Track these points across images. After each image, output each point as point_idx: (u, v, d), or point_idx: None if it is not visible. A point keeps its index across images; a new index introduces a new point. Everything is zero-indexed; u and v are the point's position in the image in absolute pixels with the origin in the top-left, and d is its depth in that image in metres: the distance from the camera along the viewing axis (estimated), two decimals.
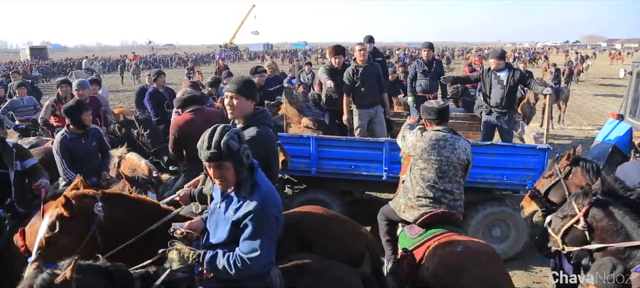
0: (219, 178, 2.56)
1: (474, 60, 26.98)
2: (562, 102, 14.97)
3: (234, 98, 3.35)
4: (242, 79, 3.52)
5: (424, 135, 3.93)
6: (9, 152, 4.39)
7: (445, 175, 3.82)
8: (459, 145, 3.88)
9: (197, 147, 2.56)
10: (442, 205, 3.81)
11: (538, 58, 48.61)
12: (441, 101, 4.15)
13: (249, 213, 2.53)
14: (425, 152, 3.84)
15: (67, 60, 52.17)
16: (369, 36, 7.89)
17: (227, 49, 69.36)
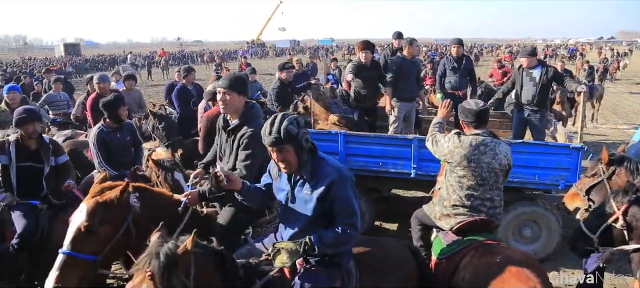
0: (282, 161, 2.76)
1: (503, 56, 26.52)
2: (595, 100, 14.58)
3: (226, 94, 3.47)
4: (233, 74, 3.67)
5: (463, 140, 3.65)
6: (46, 148, 4.47)
7: (486, 182, 3.58)
8: (501, 150, 3.62)
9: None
10: (480, 214, 3.60)
11: (574, 55, 47.41)
12: (480, 102, 3.79)
13: (330, 186, 2.74)
14: (465, 158, 3.58)
15: (99, 57, 53.50)
16: (398, 32, 7.86)
17: (255, 46, 69.83)
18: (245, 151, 3.47)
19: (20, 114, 4.38)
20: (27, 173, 4.37)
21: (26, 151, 4.39)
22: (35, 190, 4.36)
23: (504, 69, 14.21)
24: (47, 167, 4.43)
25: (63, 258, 2.83)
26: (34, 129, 4.36)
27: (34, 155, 4.41)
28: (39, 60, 48.98)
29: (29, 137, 4.37)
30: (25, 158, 4.37)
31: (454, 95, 7.41)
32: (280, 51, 69.19)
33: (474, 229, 3.59)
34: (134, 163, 5.00)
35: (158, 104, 9.12)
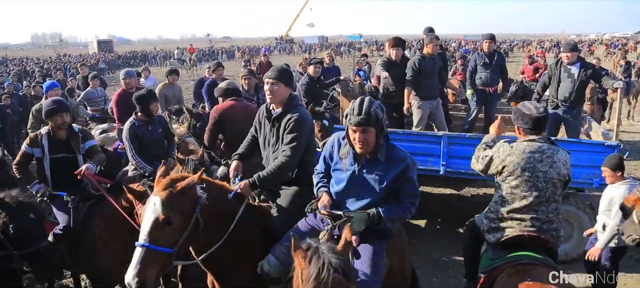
0: (362, 141, 2.93)
1: (535, 52, 25.94)
2: (632, 97, 14.17)
3: (275, 84, 3.59)
4: (281, 67, 3.83)
5: (515, 147, 3.32)
6: (76, 136, 4.55)
7: (542, 194, 3.23)
8: (560, 157, 3.27)
9: (346, 115, 2.97)
10: (531, 229, 3.26)
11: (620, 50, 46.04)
12: (540, 106, 3.45)
13: (405, 169, 3.02)
14: (518, 167, 3.25)
15: (131, 53, 54.67)
16: (429, 27, 7.80)
17: (283, 42, 70.15)
18: (291, 134, 3.56)
19: (49, 106, 4.47)
20: (61, 164, 4.46)
21: (58, 143, 4.48)
22: (71, 181, 4.39)
23: (535, 64, 13.93)
24: (80, 156, 4.51)
25: (142, 251, 2.73)
26: (62, 120, 4.44)
27: (66, 146, 4.50)
28: (74, 56, 50.39)
29: (58, 128, 4.46)
30: (57, 150, 4.46)
31: (485, 92, 7.33)
32: (307, 47, 69.32)
33: (523, 244, 3.27)
34: (167, 156, 5.10)
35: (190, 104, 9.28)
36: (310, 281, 2.28)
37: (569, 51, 6.65)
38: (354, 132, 2.95)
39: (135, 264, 2.71)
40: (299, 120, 3.56)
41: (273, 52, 59.85)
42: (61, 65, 33.44)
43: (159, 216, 2.79)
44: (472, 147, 5.84)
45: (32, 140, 4.50)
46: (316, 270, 2.30)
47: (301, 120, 3.56)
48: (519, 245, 3.28)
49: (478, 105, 7.37)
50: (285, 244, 3.06)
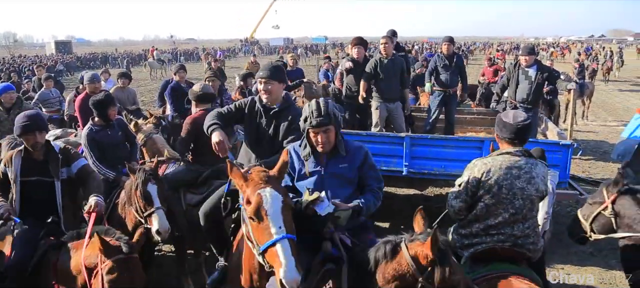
0: (324, 141, 3.03)
1: (496, 54, 26.63)
2: (586, 98, 14.73)
3: (268, 83, 3.58)
4: (272, 64, 3.82)
5: (491, 162, 3.07)
6: (54, 157, 3.85)
7: (519, 211, 3.03)
8: (538, 172, 3.05)
9: (301, 119, 3.06)
10: (506, 244, 3.07)
11: (565, 52, 47.80)
12: (521, 114, 3.18)
13: (366, 156, 3.18)
14: (496, 185, 3.01)
15: (91, 54, 53.13)
16: (392, 30, 7.87)
17: (248, 44, 69.62)
18: (298, 131, 3.48)
19: (21, 122, 3.76)
20: (35, 189, 3.78)
21: (33, 164, 3.79)
22: (47, 209, 3.76)
23: (495, 66, 14.32)
24: (57, 181, 3.82)
25: (289, 244, 2.44)
26: (35, 140, 3.76)
27: (42, 168, 3.80)
28: (30, 57, 48.60)
29: (32, 148, 3.79)
30: (31, 172, 3.78)
31: (445, 93, 7.45)
32: (273, 49, 69.03)
33: (501, 259, 3.10)
34: (130, 160, 4.97)
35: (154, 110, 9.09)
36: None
37: (526, 54, 6.86)
38: (316, 134, 3.03)
39: (289, 258, 2.39)
40: (299, 116, 3.56)
41: (238, 53, 59.32)
42: (16, 66, 32.21)
43: (286, 202, 2.59)
44: (433, 147, 6.00)
45: (7, 160, 3.86)
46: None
47: (299, 117, 3.58)
48: (495, 258, 3.10)
49: (438, 106, 7.49)
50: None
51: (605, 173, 9.04)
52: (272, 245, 2.44)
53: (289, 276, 2.34)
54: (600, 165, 9.86)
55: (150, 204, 3.93)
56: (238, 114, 3.80)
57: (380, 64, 6.66)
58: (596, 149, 11.28)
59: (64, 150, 3.98)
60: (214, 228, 3.76)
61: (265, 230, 2.49)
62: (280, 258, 2.39)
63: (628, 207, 3.34)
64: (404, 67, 6.92)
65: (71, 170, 3.91)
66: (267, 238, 2.46)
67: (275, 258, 2.42)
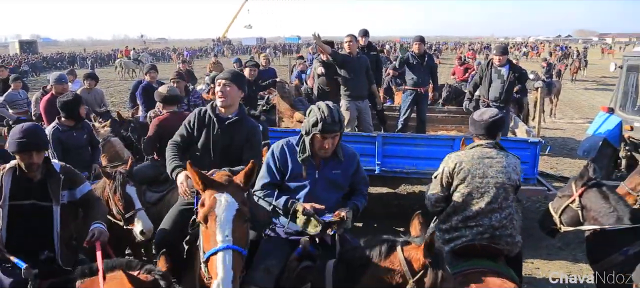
0: (330, 147, 3.04)
1: (467, 53, 27.03)
2: (553, 96, 15.08)
3: (227, 85, 3.44)
4: (234, 69, 3.63)
5: (464, 153, 3.27)
6: (55, 178, 3.16)
7: (494, 200, 3.15)
8: (509, 162, 3.21)
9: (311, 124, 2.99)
10: (483, 237, 3.16)
11: (540, 52, 48.86)
12: (492, 111, 3.37)
13: (358, 164, 3.29)
14: (469, 173, 3.18)
15: (58, 55, 51.76)
16: (364, 30, 7.90)
17: (220, 43, 69.05)
18: (258, 145, 3.62)
19: (16, 138, 3.05)
20: (29, 215, 3.08)
21: (27, 184, 3.09)
22: (40, 240, 3.08)
23: (465, 65, 14.52)
24: (56, 207, 3.12)
25: (230, 255, 2.30)
26: (31, 161, 3.06)
27: (39, 190, 3.11)
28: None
29: (27, 168, 3.10)
30: (24, 195, 3.07)
31: (416, 92, 7.52)
32: (245, 49, 68.65)
33: (480, 255, 3.18)
34: (92, 163, 4.95)
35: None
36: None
37: (500, 54, 6.99)
38: (324, 139, 3.00)
39: (227, 271, 2.25)
40: (259, 132, 3.65)
41: (210, 53, 58.72)
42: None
43: (242, 211, 2.47)
44: (405, 146, 6.04)
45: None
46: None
47: (260, 132, 3.67)
48: (474, 254, 3.18)
49: (410, 105, 7.56)
50: (261, 268, 2.89)
51: (572, 170, 9.27)
52: (213, 254, 2.32)
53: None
54: (567, 162, 10.11)
55: (131, 206, 3.95)
56: (191, 132, 3.60)
57: (345, 61, 6.69)
58: (563, 146, 11.57)
59: (66, 171, 3.29)
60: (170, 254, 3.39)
61: (211, 237, 2.37)
62: (217, 268, 2.26)
63: (594, 201, 3.47)
64: (369, 65, 6.92)
65: (74, 194, 3.27)
66: (212, 246, 2.35)
67: (214, 269, 2.29)
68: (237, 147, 3.49)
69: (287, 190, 3.18)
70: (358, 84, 6.70)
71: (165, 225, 3.43)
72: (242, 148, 3.48)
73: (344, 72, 6.68)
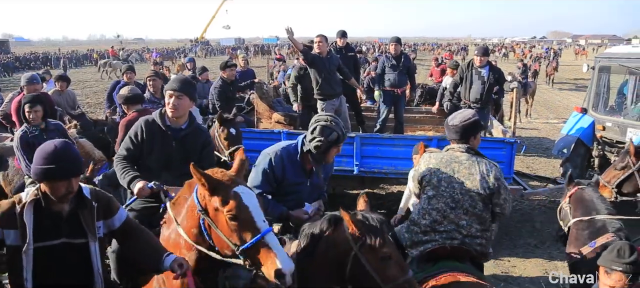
0: (335, 155, 3.41)
1: (444, 55, 27.30)
2: (529, 97, 15.32)
3: (179, 97, 3.35)
4: (184, 77, 3.63)
5: (434, 156, 3.27)
6: (88, 208, 2.53)
7: (459, 205, 3.10)
8: (478, 169, 3.10)
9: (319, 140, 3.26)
10: (453, 241, 3.13)
11: (526, 53, 49.42)
12: (466, 112, 3.30)
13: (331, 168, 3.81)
14: (435, 176, 3.16)
15: (31, 54, 50.55)
16: (342, 31, 7.90)
17: (198, 44, 68.38)
18: (212, 153, 3.73)
19: (47, 161, 2.37)
20: (60, 257, 2.45)
21: (55, 219, 2.44)
22: (80, 286, 2.54)
23: (441, 66, 14.65)
24: (94, 244, 2.52)
25: (274, 236, 2.39)
26: (69, 190, 2.43)
27: (70, 225, 2.48)
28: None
29: (59, 200, 2.43)
30: (52, 233, 2.43)
31: (393, 93, 7.55)
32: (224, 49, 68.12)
33: (448, 257, 3.15)
34: None
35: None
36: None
37: (481, 55, 7.06)
38: (333, 149, 3.34)
39: (281, 248, 2.34)
40: (211, 139, 3.74)
41: (188, 54, 58.07)
42: None
43: (259, 198, 2.56)
44: (383, 146, 6.06)
45: (2, 212, 2.40)
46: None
47: (211, 139, 3.85)
48: (442, 256, 3.15)
49: (387, 106, 7.59)
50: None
51: (548, 169, 9.44)
52: (260, 240, 2.33)
53: (286, 265, 2.27)
54: (543, 161, 10.28)
55: None
56: (140, 145, 3.44)
57: (315, 62, 6.68)
58: (539, 146, 11.76)
59: (98, 196, 2.62)
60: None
61: (248, 227, 2.37)
62: (273, 249, 2.31)
63: (579, 199, 3.78)
64: (340, 63, 6.93)
65: (112, 224, 2.64)
66: (253, 234, 2.35)
67: (267, 252, 2.31)
68: (194, 157, 3.29)
69: (278, 195, 3.39)
70: (330, 83, 6.71)
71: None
72: (198, 159, 3.31)
73: (314, 71, 6.68)
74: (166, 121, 3.42)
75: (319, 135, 3.25)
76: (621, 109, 7.70)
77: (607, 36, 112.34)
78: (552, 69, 25.33)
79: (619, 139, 7.05)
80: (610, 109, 7.80)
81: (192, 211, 2.53)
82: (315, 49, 6.71)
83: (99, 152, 5.51)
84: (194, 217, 2.51)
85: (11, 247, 2.39)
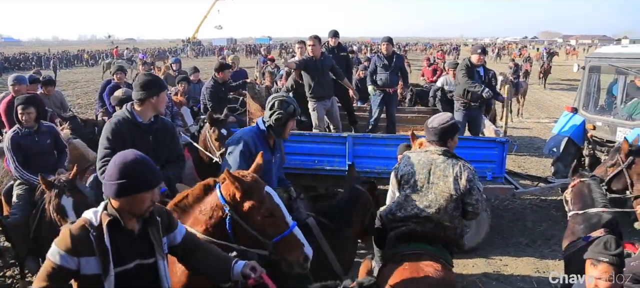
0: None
1: (436, 54, 27.37)
2: (520, 96, 15.39)
3: (159, 96, 3.64)
4: (146, 79, 3.66)
5: (413, 157, 3.44)
6: (155, 224, 2.35)
7: (432, 205, 3.30)
8: (453, 172, 3.25)
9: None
10: (425, 229, 3.35)
11: (523, 52, 49.59)
12: (445, 115, 3.45)
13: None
14: (412, 176, 3.36)
15: (21, 55, 50.07)
16: (333, 31, 7.89)
17: (189, 44, 68.14)
18: (178, 145, 3.88)
19: (129, 170, 2.19)
20: (133, 283, 2.26)
21: (127, 240, 2.25)
22: None
23: (433, 66, 14.69)
24: (162, 261, 2.36)
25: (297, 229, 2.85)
26: (152, 199, 2.27)
27: (140, 245, 2.30)
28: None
29: (140, 215, 2.27)
30: (128, 256, 2.25)
31: (385, 92, 7.55)
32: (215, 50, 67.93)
33: (419, 239, 3.36)
34: (56, 168, 4.73)
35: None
36: None
37: (481, 53, 7.07)
38: (291, 123, 3.73)
39: (305, 240, 2.82)
40: (175, 128, 3.94)
41: (180, 54, 57.89)
42: None
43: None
44: (376, 146, 6.06)
45: (76, 238, 2.12)
46: None
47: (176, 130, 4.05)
48: (415, 238, 3.37)
49: (380, 106, 7.59)
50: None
51: (539, 168, 9.49)
52: (289, 233, 2.77)
53: (309, 251, 2.79)
54: (534, 160, 10.34)
55: (65, 217, 3.83)
56: (122, 144, 3.35)
57: (308, 64, 6.67)
58: (530, 145, 11.83)
59: (159, 210, 2.43)
60: None
61: (279, 222, 2.78)
62: (300, 240, 2.79)
63: (579, 191, 3.96)
64: (334, 64, 6.92)
65: (174, 238, 2.47)
66: (283, 228, 2.77)
67: (295, 242, 2.78)
68: (166, 148, 3.74)
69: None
70: (322, 85, 6.70)
71: None
72: (169, 151, 3.76)
73: (308, 75, 6.68)
74: (137, 118, 3.60)
75: (278, 109, 3.65)
76: (611, 109, 7.76)
77: (597, 36, 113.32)
78: (544, 69, 25.24)
79: (609, 138, 7.10)
80: (601, 108, 7.86)
81: (214, 210, 2.79)
82: (309, 51, 6.70)
83: (93, 153, 5.44)
84: (216, 216, 2.78)
85: (88, 277, 2.13)
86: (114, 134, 3.48)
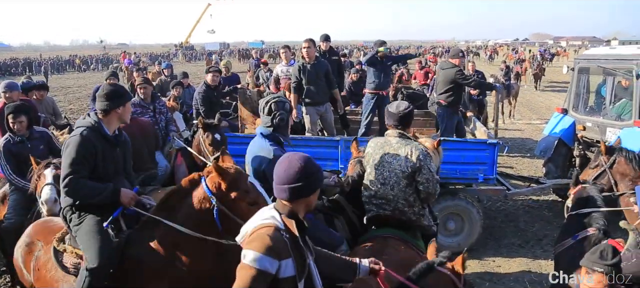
0: None
1: (428, 57, 27.44)
2: (512, 98, 15.47)
3: (125, 105, 3.51)
4: (110, 90, 3.52)
5: (375, 141, 3.77)
6: (305, 230, 2.35)
7: (387, 182, 3.57)
8: (404, 151, 3.53)
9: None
10: (386, 212, 3.63)
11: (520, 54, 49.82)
12: (403, 105, 3.68)
13: None
14: (371, 158, 3.68)
15: (12, 60, 49.74)
16: (325, 34, 7.90)
17: (183, 48, 68.07)
18: (130, 153, 3.77)
19: (303, 173, 2.25)
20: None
21: (298, 241, 2.26)
22: None
23: (425, 69, 14.74)
24: (313, 260, 2.38)
25: None
26: (318, 197, 2.81)
27: (303, 246, 2.30)
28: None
29: (310, 211, 2.71)
30: (305, 256, 2.27)
31: (378, 95, 7.58)
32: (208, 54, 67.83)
33: (387, 224, 3.64)
34: None
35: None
36: None
37: (460, 57, 7.12)
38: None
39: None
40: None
41: (172, 59, 57.73)
42: None
43: None
44: None
45: (277, 241, 2.09)
46: None
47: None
48: (384, 223, 3.66)
49: (372, 109, 7.61)
50: None
51: (531, 169, 9.56)
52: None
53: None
54: (526, 162, 10.40)
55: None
56: (94, 158, 3.30)
57: (303, 69, 6.66)
58: (522, 146, 11.90)
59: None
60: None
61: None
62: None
63: (578, 196, 4.04)
64: (329, 69, 6.89)
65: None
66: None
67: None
68: (128, 159, 3.69)
69: None
70: (317, 91, 6.67)
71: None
72: (128, 159, 3.72)
73: (303, 80, 6.66)
74: (105, 130, 3.37)
75: (277, 110, 3.64)
76: (600, 109, 7.83)
77: (587, 38, 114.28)
78: (538, 70, 25.20)
79: (598, 139, 7.17)
80: (590, 109, 7.92)
81: (202, 202, 2.95)
82: (304, 54, 6.69)
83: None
84: (203, 208, 2.94)
85: (285, 280, 2.09)
86: (86, 148, 3.22)
